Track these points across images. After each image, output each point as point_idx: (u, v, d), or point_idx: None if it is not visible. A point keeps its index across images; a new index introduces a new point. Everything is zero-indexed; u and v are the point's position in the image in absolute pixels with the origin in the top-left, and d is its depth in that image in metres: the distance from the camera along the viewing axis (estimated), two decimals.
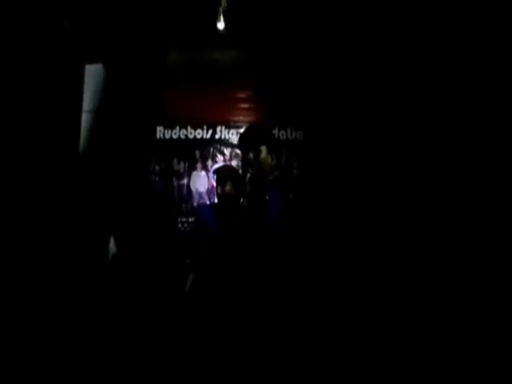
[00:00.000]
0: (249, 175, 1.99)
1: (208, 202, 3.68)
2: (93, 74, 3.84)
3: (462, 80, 2.66)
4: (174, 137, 3.87)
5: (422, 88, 3.08)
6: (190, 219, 3.61)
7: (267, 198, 2.02)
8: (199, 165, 3.82)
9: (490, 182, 2.40)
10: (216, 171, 3.08)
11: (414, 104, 3.13)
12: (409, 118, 3.22)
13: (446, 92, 2.78)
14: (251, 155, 1.99)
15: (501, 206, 2.31)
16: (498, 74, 2.45)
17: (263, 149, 1.99)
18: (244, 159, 2.07)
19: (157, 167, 3.81)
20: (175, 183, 3.79)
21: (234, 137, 3.85)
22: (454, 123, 2.69)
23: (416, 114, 3.08)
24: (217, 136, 3.88)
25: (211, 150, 3.86)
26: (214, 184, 3.54)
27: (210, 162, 3.83)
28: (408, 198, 3.05)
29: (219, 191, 2.88)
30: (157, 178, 3.80)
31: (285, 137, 3.83)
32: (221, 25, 3.62)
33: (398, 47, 3.30)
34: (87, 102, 3.77)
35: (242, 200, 2.50)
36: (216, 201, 3.05)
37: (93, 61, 3.89)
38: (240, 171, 2.78)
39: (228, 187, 2.82)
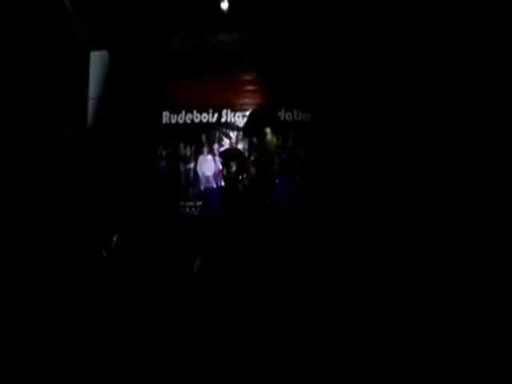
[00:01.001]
0: (252, 158, 1.96)
1: (215, 186, 3.68)
2: (98, 60, 3.85)
3: (461, 79, 2.61)
4: (180, 121, 3.86)
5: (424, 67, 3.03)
6: (198, 203, 3.62)
7: (277, 181, 1.99)
8: (205, 149, 3.81)
9: (489, 180, 2.37)
10: (221, 153, 3.07)
11: (419, 82, 3.07)
12: (413, 97, 3.17)
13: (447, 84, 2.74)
14: (255, 140, 1.96)
15: (500, 204, 2.28)
16: (498, 74, 2.41)
17: (267, 131, 1.96)
18: (249, 144, 2.04)
19: (163, 152, 3.82)
20: (182, 167, 3.80)
21: (239, 120, 3.82)
22: (454, 115, 2.66)
23: (419, 94, 3.03)
24: (223, 119, 3.86)
25: (217, 133, 3.84)
26: (221, 167, 3.54)
27: (216, 146, 3.81)
28: (411, 180, 3.02)
29: (225, 173, 2.88)
30: (164, 163, 3.81)
31: (291, 118, 3.79)
32: (224, 5, 3.58)
33: (402, 28, 3.24)
34: (93, 88, 3.78)
35: (243, 180, 2.49)
36: (223, 183, 3.06)
37: (98, 47, 3.89)
38: (246, 154, 2.78)
39: (233, 168, 2.82)
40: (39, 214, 2.46)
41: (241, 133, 3.75)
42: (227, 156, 2.92)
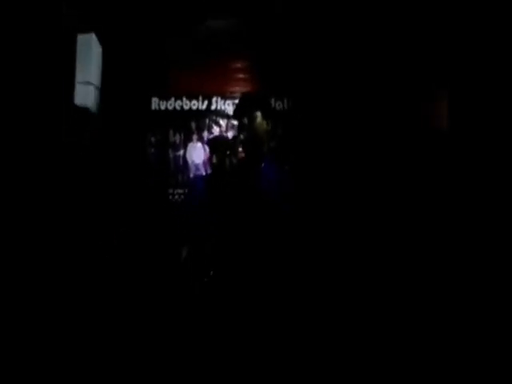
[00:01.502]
0: (242, 139, 1.95)
1: (204, 173, 3.67)
2: (85, 43, 3.76)
3: (463, 79, 2.63)
4: (170, 108, 3.83)
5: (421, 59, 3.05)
6: (186, 190, 3.61)
7: (262, 166, 1.99)
8: (195, 136, 3.79)
9: (489, 178, 2.39)
10: (209, 141, 3.07)
11: (414, 75, 3.09)
12: (407, 91, 3.20)
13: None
14: (245, 120, 1.95)
15: (500, 203, 2.30)
16: (498, 73, 2.43)
17: (258, 114, 1.96)
18: (239, 125, 2.03)
19: (152, 139, 3.79)
20: (171, 155, 3.77)
21: (229, 108, 3.80)
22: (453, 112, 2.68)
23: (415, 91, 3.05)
24: (212, 107, 3.84)
25: (207, 121, 3.82)
26: (209, 155, 3.53)
27: (205, 134, 3.80)
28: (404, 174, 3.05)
29: (214, 160, 2.88)
30: (152, 150, 3.78)
31: (281, 107, 3.79)
32: None
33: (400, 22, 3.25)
34: (80, 73, 3.70)
35: (231, 166, 2.49)
36: (209, 171, 3.05)
37: (85, 30, 3.80)
38: (234, 138, 2.76)
39: (221, 156, 2.82)
40: (37, 208, 2.41)
41: (231, 120, 3.74)
42: (214, 144, 2.91)
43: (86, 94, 3.54)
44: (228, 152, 2.79)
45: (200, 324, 2.18)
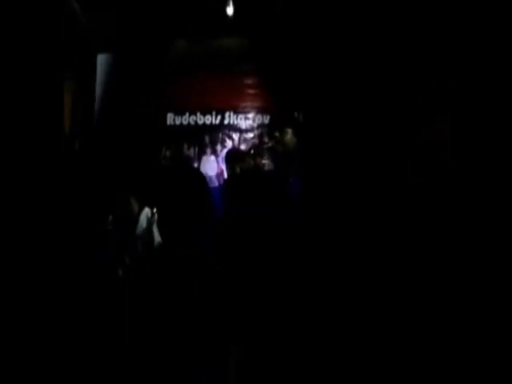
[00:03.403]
0: (270, 146, 2.06)
1: (217, 185, 3.78)
2: (104, 62, 3.94)
3: (461, 78, 2.70)
4: (184, 123, 3.98)
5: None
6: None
7: (291, 180, 2.08)
8: (209, 150, 3.92)
9: (489, 177, 2.45)
10: (227, 154, 3.17)
11: (418, 82, 3.17)
12: (414, 98, 3.26)
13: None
14: (277, 133, 2.06)
15: (500, 202, 2.34)
16: (498, 73, 2.49)
17: (289, 131, 2.06)
18: (271, 137, 2.13)
19: (167, 153, 3.92)
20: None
21: (242, 122, 3.94)
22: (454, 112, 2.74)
23: (420, 93, 3.12)
24: (225, 121, 3.98)
25: (220, 135, 3.96)
26: (224, 168, 3.65)
27: (219, 147, 3.93)
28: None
29: (230, 172, 2.97)
30: (168, 164, 3.91)
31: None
32: (230, 10, 3.68)
33: (403, 29, 3.34)
34: (99, 90, 3.87)
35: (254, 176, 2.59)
36: (225, 181, 3.14)
37: (104, 50, 3.98)
38: (251, 152, 2.86)
39: (237, 169, 2.92)
40: (37, 208, 2.49)
41: (243, 134, 3.87)
42: (232, 157, 3.02)
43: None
44: (245, 164, 2.88)
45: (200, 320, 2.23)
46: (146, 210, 3.21)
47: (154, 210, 3.17)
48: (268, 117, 3.94)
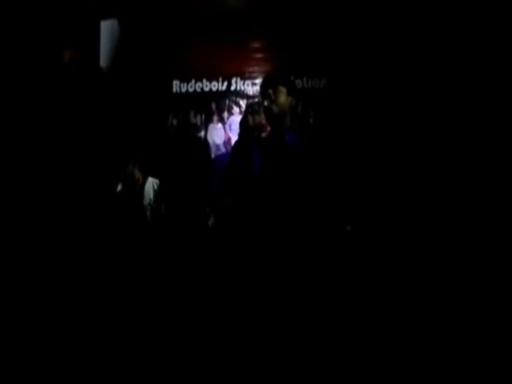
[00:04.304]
0: (266, 106, 2.01)
1: (225, 152, 3.73)
2: (107, 29, 3.85)
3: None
4: (190, 90, 3.90)
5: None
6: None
7: (286, 137, 2.05)
8: (215, 117, 3.85)
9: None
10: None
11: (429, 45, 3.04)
12: (424, 61, 3.14)
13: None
14: (270, 91, 2.01)
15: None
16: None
17: (283, 89, 2.02)
18: (264, 95, 2.08)
19: (174, 121, 3.87)
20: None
21: (249, 88, 3.84)
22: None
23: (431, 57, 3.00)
24: (232, 88, 3.88)
25: (227, 101, 3.87)
26: (231, 136, 3.59)
27: (226, 114, 3.85)
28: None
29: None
30: (174, 132, 3.86)
31: (300, 86, 3.79)
32: None
33: None
34: (103, 58, 3.80)
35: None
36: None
37: (107, 16, 3.89)
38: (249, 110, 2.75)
39: (257, 118, 2.80)
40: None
41: (250, 101, 3.77)
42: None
43: None
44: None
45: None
46: (151, 180, 3.21)
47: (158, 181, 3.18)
48: None
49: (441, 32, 3.10)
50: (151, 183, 3.28)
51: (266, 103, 2.00)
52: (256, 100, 3.45)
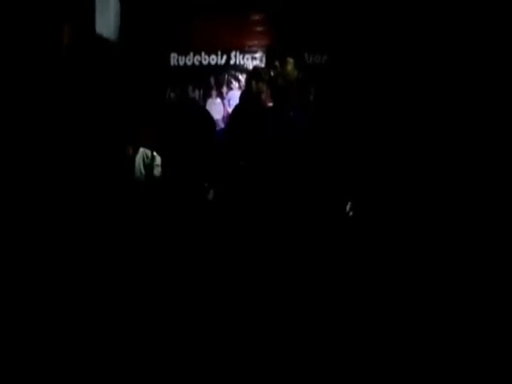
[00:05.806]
0: (272, 77, 1.95)
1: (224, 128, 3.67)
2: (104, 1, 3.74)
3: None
4: (188, 63, 3.80)
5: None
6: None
7: (291, 114, 2.00)
8: (214, 92, 3.78)
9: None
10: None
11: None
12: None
13: None
14: (277, 63, 1.95)
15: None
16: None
17: (290, 61, 1.96)
18: (271, 65, 2.03)
19: (172, 95, 3.79)
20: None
21: (249, 62, 3.75)
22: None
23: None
24: (231, 62, 3.79)
25: (226, 76, 3.79)
26: (229, 110, 3.53)
27: (224, 89, 3.78)
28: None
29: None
30: (172, 106, 3.79)
31: (311, 61, 3.71)
32: None
33: None
34: (99, 28, 3.70)
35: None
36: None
37: None
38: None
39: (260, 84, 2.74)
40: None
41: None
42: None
43: None
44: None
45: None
46: (141, 151, 3.14)
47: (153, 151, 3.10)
48: None
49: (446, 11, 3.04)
50: (142, 154, 3.20)
51: (271, 73, 1.95)
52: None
